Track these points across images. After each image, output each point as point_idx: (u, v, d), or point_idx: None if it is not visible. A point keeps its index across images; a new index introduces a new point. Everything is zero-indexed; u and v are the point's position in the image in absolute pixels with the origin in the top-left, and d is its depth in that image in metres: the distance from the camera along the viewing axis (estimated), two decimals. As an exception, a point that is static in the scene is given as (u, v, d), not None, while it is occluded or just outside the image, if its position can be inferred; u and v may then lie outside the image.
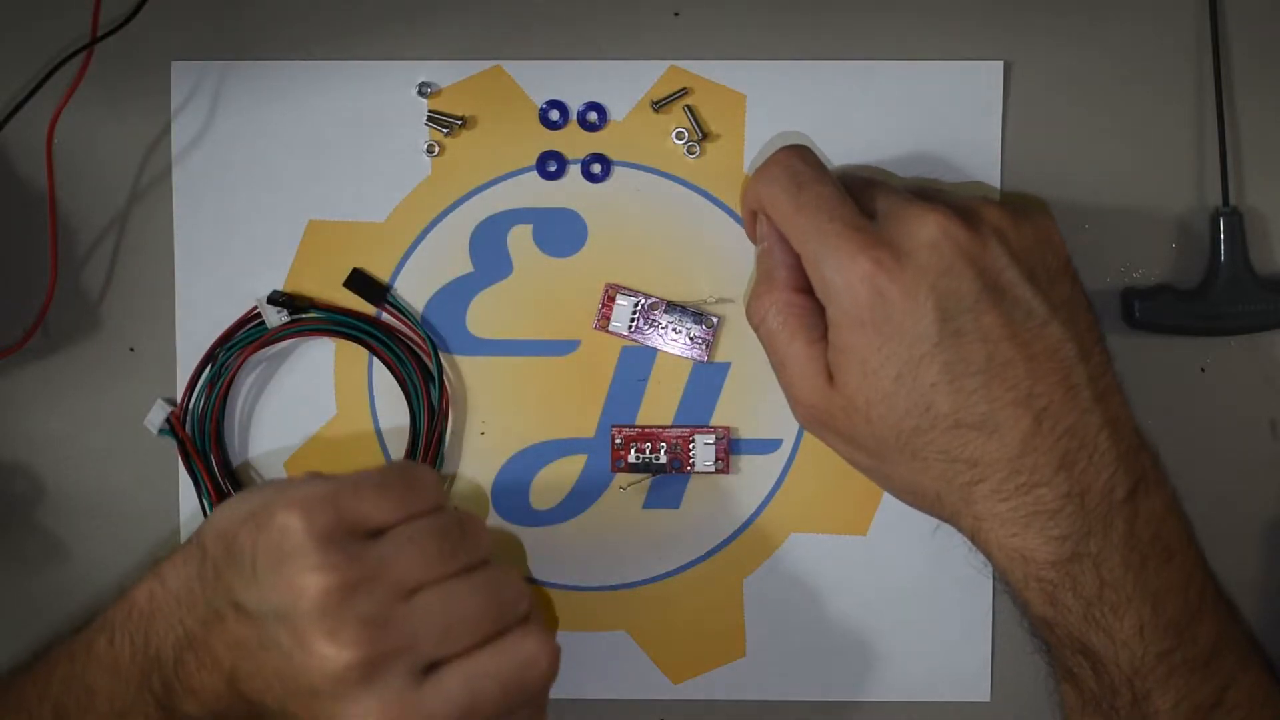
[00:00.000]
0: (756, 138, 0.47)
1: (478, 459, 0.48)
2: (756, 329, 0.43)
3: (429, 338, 0.47)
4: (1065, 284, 0.41)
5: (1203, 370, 0.48)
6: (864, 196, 0.42)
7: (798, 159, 0.42)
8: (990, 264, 0.40)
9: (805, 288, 0.42)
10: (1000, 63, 0.47)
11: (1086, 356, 0.40)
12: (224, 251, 0.48)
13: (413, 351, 0.47)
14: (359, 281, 0.47)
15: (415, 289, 0.48)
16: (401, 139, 0.47)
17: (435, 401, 0.47)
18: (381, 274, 0.48)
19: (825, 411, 0.41)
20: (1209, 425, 0.48)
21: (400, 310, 0.47)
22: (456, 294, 0.48)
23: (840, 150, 0.47)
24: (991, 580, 0.47)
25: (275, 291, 0.47)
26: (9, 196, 0.48)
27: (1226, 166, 0.46)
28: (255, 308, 0.47)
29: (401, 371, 0.47)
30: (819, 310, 0.42)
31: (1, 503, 0.48)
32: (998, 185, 0.47)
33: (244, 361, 0.47)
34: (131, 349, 0.48)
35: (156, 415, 0.47)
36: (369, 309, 0.48)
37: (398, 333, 0.47)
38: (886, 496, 0.47)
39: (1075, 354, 0.40)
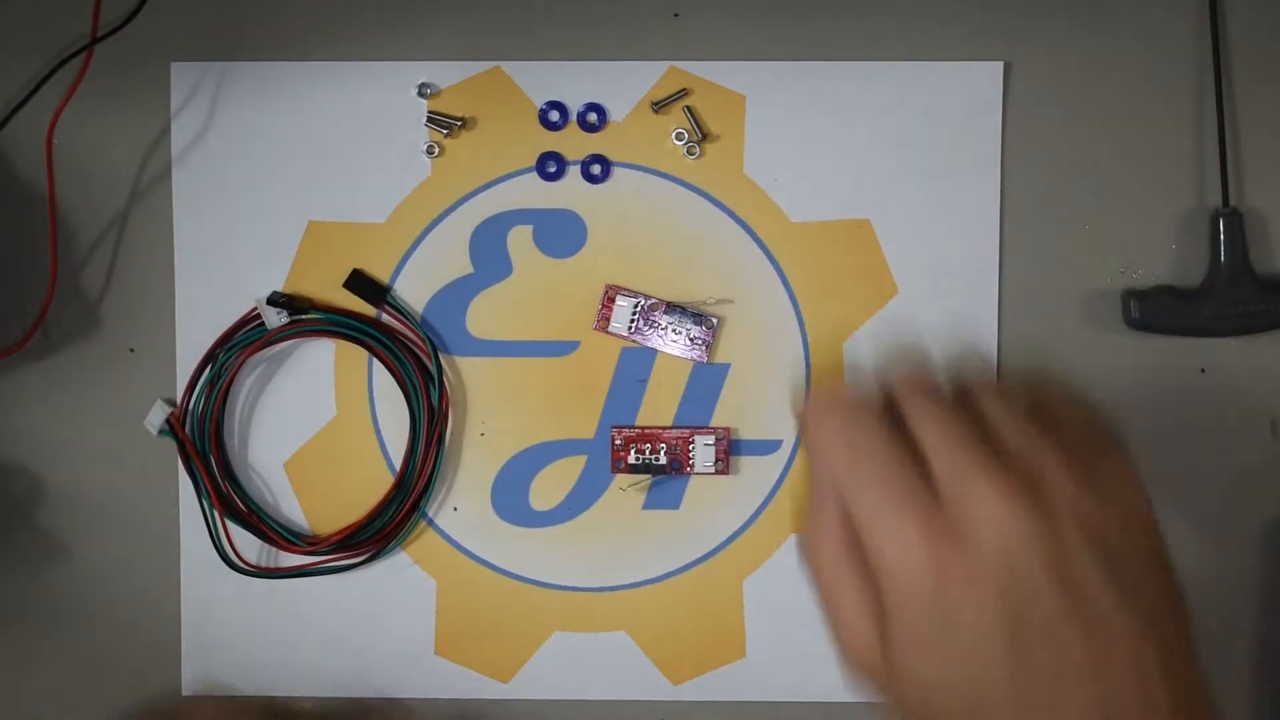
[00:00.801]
0: (756, 138, 0.47)
1: (478, 459, 0.48)
2: (807, 562, 0.39)
3: (429, 338, 0.47)
4: (1155, 576, 0.36)
5: (1203, 370, 0.48)
6: (917, 439, 0.37)
7: (851, 424, 0.37)
8: (1067, 568, 0.34)
9: None
10: (1000, 63, 0.47)
11: (1170, 669, 0.34)
12: (224, 252, 0.48)
13: (412, 352, 0.47)
14: (359, 282, 0.47)
15: (415, 289, 0.48)
16: (401, 140, 0.47)
17: (435, 402, 0.47)
18: (381, 274, 0.48)
19: (873, 667, 0.38)
20: (1209, 425, 0.48)
21: (400, 311, 0.47)
22: (456, 294, 0.48)
23: (840, 150, 0.47)
24: (991, 580, 0.47)
25: (275, 293, 0.47)
26: (9, 196, 0.48)
27: (1226, 166, 0.46)
28: (255, 309, 0.47)
29: (401, 372, 0.47)
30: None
31: (1, 503, 0.48)
32: (998, 185, 0.47)
33: (244, 362, 0.47)
34: (131, 349, 0.48)
35: (156, 416, 0.47)
36: (369, 310, 0.48)
37: (397, 334, 0.47)
38: (886, 497, 0.47)
39: (1159, 667, 0.34)
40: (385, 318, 0.48)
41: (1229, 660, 0.48)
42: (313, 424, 0.48)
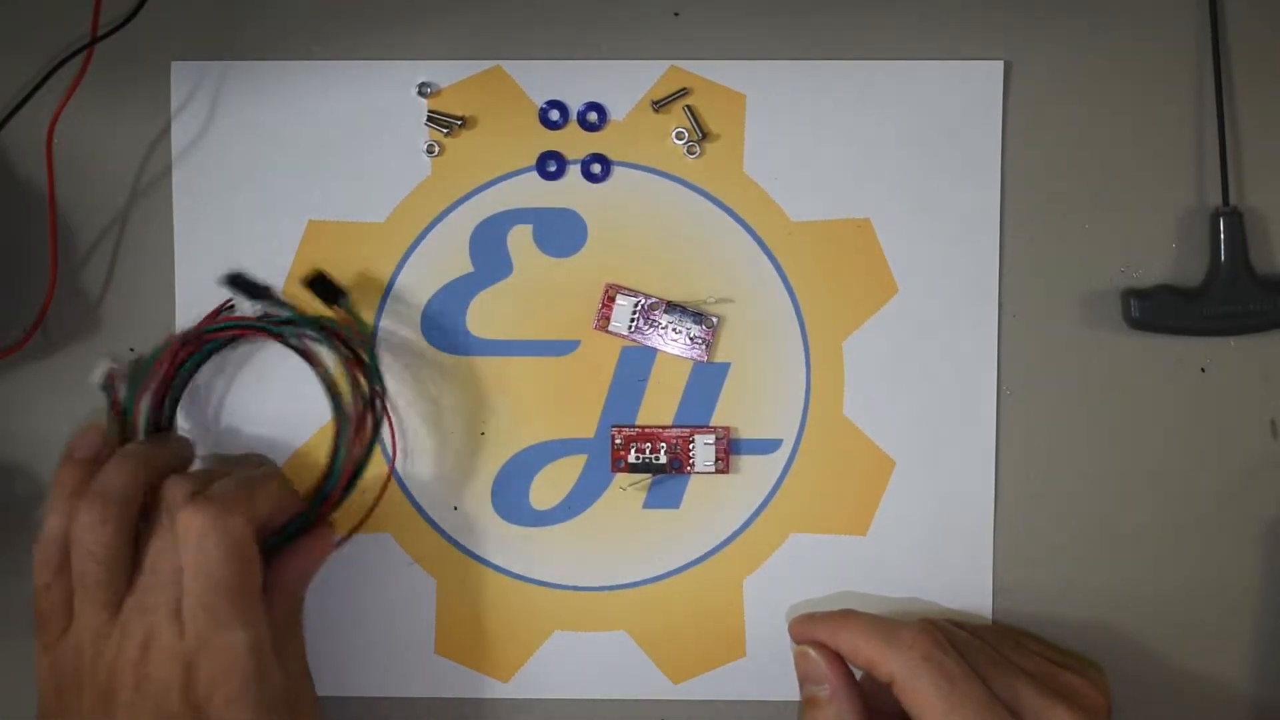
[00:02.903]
0: (756, 137, 0.47)
1: (478, 459, 0.48)
2: None
3: (371, 352, 0.46)
4: None
5: (1203, 370, 0.48)
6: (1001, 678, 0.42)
7: (953, 662, 0.42)
8: None
9: None
10: (1000, 63, 0.47)
11: None
12: (224, 251, 0.48)
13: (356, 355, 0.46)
14: (318, 283, 0.46)
15: (415, 289, 0.48)
16: (401, 139, 0.47)
17: (376, 413, 0.45)
18: (382, 274, 0.48)
19: None
20: (1209, 425, 0.48)
21: (354, 316, 0.46)
22: (456, 294, 0.48)
23: (840, 150, 0.47)
24: (991, 580, 0.47)
25: (232, 273, 0.46)
26: (9, 196, 0.48)
27: (1226, 166, 0.47)
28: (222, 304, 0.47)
29: (319, 371, 0.45)
30: None
31: (1, 503, 0.48)
32: (998, 185, 0.47)
33: (197, 349, 0.46)
34: (131, 349, 0.48)
35: (99, 371, 0.46)
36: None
37: (340, 334, 0.45)
38: (886, 496, 0.47)
39: None
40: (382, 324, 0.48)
41: (1229, 660, 0.48)
42: (311, 424, 0.48)
